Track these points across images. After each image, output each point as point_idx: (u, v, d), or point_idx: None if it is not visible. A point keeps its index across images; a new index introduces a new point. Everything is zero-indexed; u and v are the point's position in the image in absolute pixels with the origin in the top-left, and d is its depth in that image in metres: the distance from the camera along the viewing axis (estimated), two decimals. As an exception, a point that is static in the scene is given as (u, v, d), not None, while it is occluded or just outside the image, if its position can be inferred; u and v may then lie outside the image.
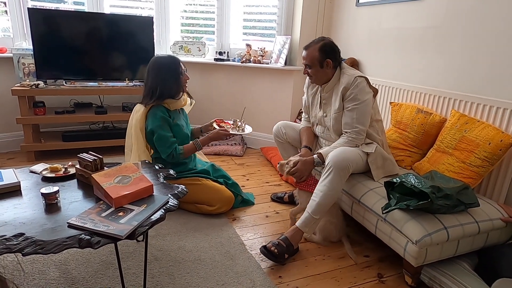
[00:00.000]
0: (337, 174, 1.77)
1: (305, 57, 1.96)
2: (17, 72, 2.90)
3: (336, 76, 1.96)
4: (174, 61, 2.07)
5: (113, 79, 3.11)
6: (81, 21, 2.92)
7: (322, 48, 1.91)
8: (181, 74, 2.08)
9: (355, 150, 1.87)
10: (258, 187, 2.66)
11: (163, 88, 2.03)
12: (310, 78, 2.03)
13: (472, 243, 1.63)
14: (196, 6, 3.49)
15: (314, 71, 1.95)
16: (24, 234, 1.11)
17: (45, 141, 2.90)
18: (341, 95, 1.91)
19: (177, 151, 2.06)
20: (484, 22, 1.97)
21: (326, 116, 2.04)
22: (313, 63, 1.93)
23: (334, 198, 1.81)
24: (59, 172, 1.61)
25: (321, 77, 1.97)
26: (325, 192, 1.78)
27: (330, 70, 1.94)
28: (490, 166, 1.78)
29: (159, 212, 1.29)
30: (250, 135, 3.54)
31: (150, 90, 2.05)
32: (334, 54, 1.93)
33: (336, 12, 3.19)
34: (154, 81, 2.04)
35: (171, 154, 2.04)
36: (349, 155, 1.81)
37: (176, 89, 2.08)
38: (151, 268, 1.63)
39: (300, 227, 1.82)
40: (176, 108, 2.13)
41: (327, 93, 2.01)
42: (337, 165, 1.77)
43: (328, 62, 1.91)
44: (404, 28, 2.50)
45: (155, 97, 2.03)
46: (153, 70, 2.05)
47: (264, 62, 3.33)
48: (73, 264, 1.63)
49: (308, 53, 1.94)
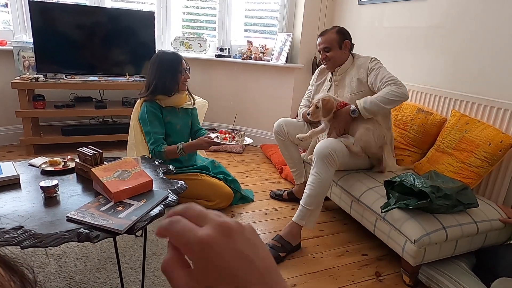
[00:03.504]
0: (321, 162, 1.80)
1: (322, 42, 2.03)
2: (17, 65, 2.89)
3: (350, 61, 2.05)
4: (176, 58, 2.06)
5: (114, 73, 3.10)
6: (82, 15, 2.90)
7: (340, 31, 2.03)
8: (180, 72, 2.06)
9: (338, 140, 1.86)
10: (257, 184, 2.66)
11: (158, 83, 2.03)
12: (327, 62, 2.07)
13: (471, 243, 1.63)
14: (198, 1, 3.47)
15: (333, 53, 2.02)
16: (23, 227, 1.11)
17: (45, 135, 2.90)
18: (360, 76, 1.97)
19: (158, 148, 2.01)
20: (486, 22, 1.96)
21: (338, 97, 2.04)
22: (333, 44, 2.00)
23: (324, 187, 1.81)
24: (58, 166, 1.60)
25: (339, 59, 2.04)
26: (314, 182, 1.81)
27: (346, 53, 2.03)
28: (490, 167, 1.78)
29: (158, 207, 1.29)
30: (251, 132, 3.54)
31: (148, 83, 2.07)
32: (350, 35, 2.05)
33: (338, 10, 3.18)
34: (153, 75, 2.04)
35: (153, 151, 2.01)
36: (331, 143, 1.83)
37: (170, 86, 2.04)
38: (149, 263, 1.63)
39: (296, 221, 1.83)
40: (169, 105, 2.09)
41: (340, 75, 2.07)
42: (319, 153, 1.81)
43: (347, 43, 2.01)
44: (406, 27, 2.49)
45: (148, 91, 2.04)
46: (154, 64, 2.05)
47: (265, 59, 3.32)
48: (72, 258, 1.63)
49: (326, 37, 2.03)
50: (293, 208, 2.27)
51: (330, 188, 2.11)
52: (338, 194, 2.06)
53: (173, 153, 2.03)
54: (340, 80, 2.06)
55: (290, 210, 2.28)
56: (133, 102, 3.08)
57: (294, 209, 2.18)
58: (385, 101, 1.81)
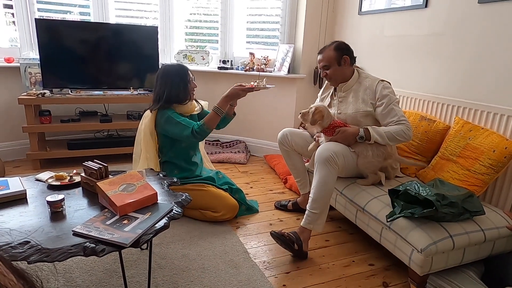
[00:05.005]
0: (322, 165, 1.80)
1: (321, 59, 2.03)
2: (24, 81, 2.94)
3: (355, 78, 2.02)
4: (183, 68, 2.13)
5: (118, 87, 3.15)
6: (87, 31, 2.96)
7: (338, 47, 1.99)
8: (189, 82, 2.13)
9: (337, 144, 1.89)
10: (262, 194, 2.65)
11: (170, 92, 2.07)
12: (329, 80, 2.07)
13: (478, 252, 1.61)
14: (200, 15, 3.53)
15: (332, 70, 2.00)
16: (29, 242, 1.12)
17: (51, 149, 2.93)
18: (366, 97, 1.95)
19: (197, 125, 2.00)
20: (487, 28, 1.97)
21: (340, 114, 2.05)
22: (331, 62, 1.99)
23: (328, 190, 1.82)
24: (64, 180, 1.62)
25: (340, 76, 2.01)
26: (317, 186, 1.82)
27: (347, 68, 2.00)
28: (495, 174, 1.77)
29: (163, 220, 1.30)
30: (255, 142, 3.55)
31: (157, 96, 2.10)
32: (349, 51, 2.01)
33: (339, 21, 3.21)
34: (162, 86, 2.09)
35: (193, 130, 1.98)
36: (332, 147, 1.84)
37: (183, 95, 2.11)
38: (155, 276, 1.63)
39: (304, 225, 1.85)
40: (183, 112, 2.15)
41: (345, 92, 2.05)
42: (320, 157, 1.82)
43: (346, 59, 1.98)
44: (407, 36, 2.51)
45: (162, 101, 2.08)
46: (162, 76, 2.11)
47: (267, 70, 3.35)
48: (78, 272, 1.63)
49: (324, 55, 2.01)
50: (298, 218, 2.26)
51: (335, 198, 2.10)
52: (343, 204, 2.05)
53: (213, 119, 1.99)
54: (345, 97, 2.05)
55: (295, 220, 2.27)
56: (137, 116, 3.12)
57: (299, 219, 2.18)
58: (392, 138, 1.87)
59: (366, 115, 1.97)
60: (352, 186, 1.98)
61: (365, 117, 1.97)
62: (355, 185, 1.97)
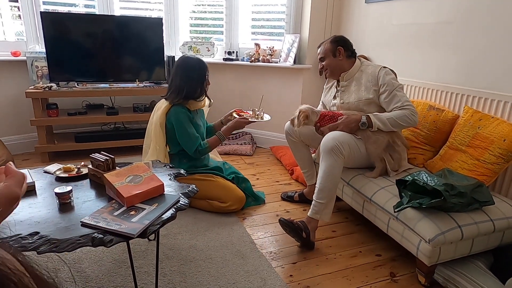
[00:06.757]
0: (328, 154, 1.81)
1: (319, 52, 2.10)
2: (31, 75, 2.96)
3: (357, 67, 2.03)
4: (203, 65, 2.16)
5: (124, 80, 3.15)
6: (92, 23, 2.96)
7: (334, 40, 2.05)
8: (206, 79, 2.17)
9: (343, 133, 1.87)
10: (268, 186, 2.65)
11: (190, 89, 2.10)
12: (325, 72, 2.10)
13: (487, 242, 1.60)
14: (205, 6, 3.50)
15: (328, 61, 2.04)
16: (39, 233, 1.13)
17: (58, 142, 2.95)
18: (369, 84, 1.95)
19: (202, 145, 2.12)
20: (496, 16, 1.92)
21: (343, 103, 2.05)
22: (326, 53, 2.04)
23: (334, 179, 1.82)
24: (72, 172, 1.63)
25: (336, 67, 2.04)
26: (323, 176, 1.82)
27: (344, 59, 2.02)
28: (505, 163, 1.74)
29: (170, 211, 1.30)
30: (261, 134, 3.55)
31: (177, 88, 2.10)
32: (345, 42, 2.05)
33: (346, 10, 3.16)
34: (183, 81, 2.10)
35: (197, 150, 2.10)
36: (335, 135, 1.84)
37: (200, 92, 2.15)
38: (162, 267, 1.64)
39: (311, 215, 1.86)
40: (196, 108, 2.20)
41: (347, 81, 2.06)
42: (325, 146, 1.82)
43: (340, 50, 2.01)
44: (415, 24, 2.46)
45: (181, 96, 2.09)
46: (183, 70, 2.11)
47: (273, 61, 3.32)
48: (87, 263, 1.65)
49: (321, 48, 2.09)
50: (305, 209, 2.26)
51: (342, 189, 2.09)
52: (350, 195, 2.04)
53: (215, 143, 2.18)
54: (347, 86, 2.05)
55: (302, 211, 2.27)
56: (143, 108, 3.13)
57: (305, 210, 2.17)
58: (395, 124, 1.85)
59: (369, 103, 1.96)
60: (359, 176, 1.96)
61: (368, 105, 1.96)
62: (362, 176, 1.96)
